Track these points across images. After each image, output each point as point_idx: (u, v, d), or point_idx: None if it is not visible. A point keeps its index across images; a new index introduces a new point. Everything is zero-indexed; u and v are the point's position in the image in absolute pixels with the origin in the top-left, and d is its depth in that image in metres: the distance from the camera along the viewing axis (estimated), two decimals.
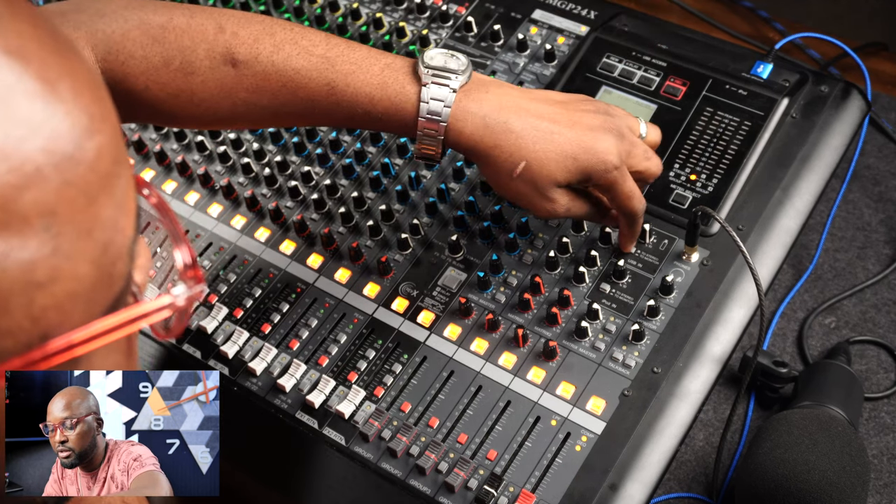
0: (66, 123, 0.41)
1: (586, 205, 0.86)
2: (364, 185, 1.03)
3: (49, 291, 0.40)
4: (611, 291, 0.92)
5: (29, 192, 0.39)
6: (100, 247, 0.42)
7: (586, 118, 0.83)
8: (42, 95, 0.41)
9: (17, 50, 0.41)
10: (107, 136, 0.43)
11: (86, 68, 0.44)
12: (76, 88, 0.42)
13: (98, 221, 0.42)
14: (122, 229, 0.44)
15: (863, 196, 1.13)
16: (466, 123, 0.81)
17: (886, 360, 1.01)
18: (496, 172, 0.82)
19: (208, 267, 0.99)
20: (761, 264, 0.92)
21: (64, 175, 0.40)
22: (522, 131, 0.81)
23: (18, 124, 0.39)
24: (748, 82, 1.02)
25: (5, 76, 0.40)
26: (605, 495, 0.80)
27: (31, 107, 0.40)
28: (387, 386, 0.89)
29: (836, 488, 0.80)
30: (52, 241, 0.40)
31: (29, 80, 0.40)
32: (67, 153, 0.41)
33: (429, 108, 0.80)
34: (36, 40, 0.42)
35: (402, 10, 1.16)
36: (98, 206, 0.42)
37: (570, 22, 1.11)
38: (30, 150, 0.39)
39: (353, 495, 0.85)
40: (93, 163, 0.42)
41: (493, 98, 0.82)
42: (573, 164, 0.81)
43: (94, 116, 0.43)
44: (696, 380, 0.86)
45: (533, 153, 0.80)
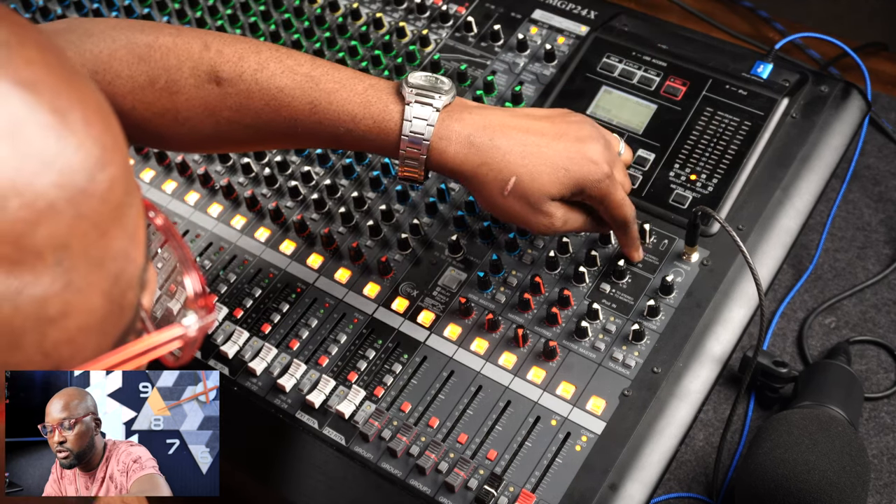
0: (78, 156, 0.40)
1: (582, 216, 0.85)
2: (364, 185, 1.03)
3: (61, 326, 0.40)
4: (611, 291, 0.92)
5: (42, 227, 0.39)
6: (111, 278, 0.42)
7: (573, 129, 0.82)
8: (54, 128, 0.40)
9: (28, 81, 0.40)
10: (118, 166, 0.43)
11: (96, 96, 0.44)
12: (87, 118, 0.42)
13: (109, 253, 0.42)
14: (132, 259, 0.44)
15: (863, 196, 1.13)
16: (451, 142, 0.79)
17: (886, 360, 1.01)
18: (487, 192, 0.81)
19: (208, 267, 0.99)
20: (761, 264, 0.92)
21: (77, 208, 0.40)
22: (510, 147, 0.79)
23: (31, 159, 0.39)
24: (748, 82, 1.02)
25: (17, 108, 0.39)
26: (605, 495, 0.80)
27: (43, 140, 0.39)
28: (387, 386, 0.89)
29: (836, 488, 0.80)
30: (65, 275, 0.40)
31: (41, 113, 0.40)
32: (80, 186, 0.40)
33: (412, 126, 0.79)
34: (46, 69, 0.41)
35: (402, 10, 1.16)
36: (109, 237, 0.42)
37: (570, 22, 1.11)
38: (43, 186, 0.39)
39: (353, 495, 0.85)
40: (105, 195, 0.41)
41: (476, 117, 0.81)
42: (565, 176, 0.80)
43: (106, 147, 0.42)
44: (696, 380, 0.86)
45: (523, 168, 0.79)
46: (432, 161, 0.80)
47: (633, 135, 1.00)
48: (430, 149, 0.79)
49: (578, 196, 0.83)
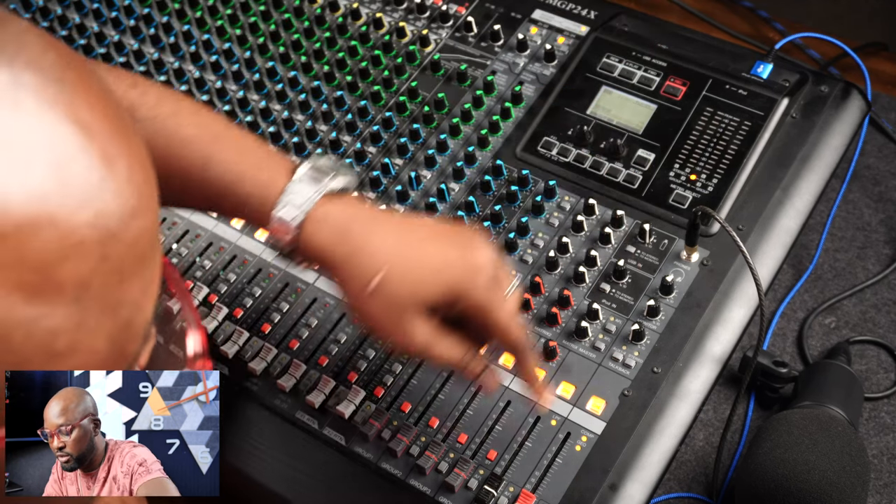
0: (117, 202, 0.42)
1: (455, 345, 0.74)
2: (364, 185, 1.02)
3: (65, 362, 0.41)
4: (611, 291, 0.92)
5: (69, 262, 0.40)
6: (120, 325, 0.43)
7: (457, 230, 0.76)
8: (100, 170, 0.41)
9: (86, 123, 0.41)
10: (150, 219, 0.44)
11: (142, 150, 0.45)
12: (132, 168, 0.43)
13: (124, 300, 0.43)
14: (143, 310, 0.45)
15: (863, 196, 1.13)
16: (323, 226, 0.72)
17: (886, 360, 1.01)
18: (350, 288, 0.72)
19: (208, 267, 0.99)
20: (761, 264, 0.91)
21: (105, 251, 0.41)
22: (384, 240, 0.71)
23: (72, 195, 0.40)
24: (748, 82, 1.02)
25: (70, 146, 0.40)
26: (605, 495, 0.80)
27: (87, 180, 0.41)
28: (387, 386, 0.89)
29: (836, 488, 0.80)
30: (80, 313, 0.40)
31: (90, 155, 0.41)
32: (112, 230, 0.41)
33: (290, 199, 0.72)
34: (103, 116, 0.43)
35: (402, 10, 1.16)
36: (128, 284, 0.43)
37: (570, 22, 1.11)
38: (79, 222, 0.40)
39: (353, 495, 0.85)
40: (133, 243, 0.43)
41: (360, 210, 0.73)
42: (438, 278, 0.70)
43: (143, 197, 0.43)
44: (696, 380, 0.86)
45: (393, 264, 0.70)
46: (302, 242, 0.73)
47: (633, 135, 1.00)
48: (301, 228, 0.72)
49: (455, 307, 0.72)
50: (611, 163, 0.99)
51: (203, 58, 1.15)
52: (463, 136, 1.04)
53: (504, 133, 1.03)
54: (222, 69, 1.14)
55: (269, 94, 1.11)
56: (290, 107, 1.10)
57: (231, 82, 1.13)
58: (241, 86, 1.12)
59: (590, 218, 0.96)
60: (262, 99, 1.11)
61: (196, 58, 1.15)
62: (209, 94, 1.12)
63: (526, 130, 1.03)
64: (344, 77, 1.10)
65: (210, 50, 1.16)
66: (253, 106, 1.10)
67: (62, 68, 0.42)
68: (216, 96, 1.11)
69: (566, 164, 1.00)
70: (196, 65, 1.15)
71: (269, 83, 1.11)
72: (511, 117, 1.04)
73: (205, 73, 1.14)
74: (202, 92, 1.12)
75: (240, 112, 1.10)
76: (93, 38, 1.19)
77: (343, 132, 1.07)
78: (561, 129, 1.02)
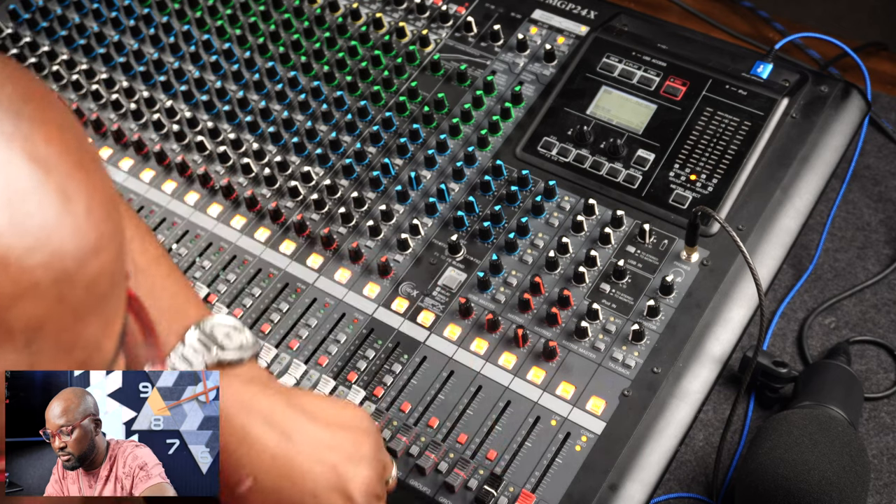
0: (73, 241, 0.40)
1: None
2: (364, 185, 1.03)
3: None
4: (611, 291, 0.92)
5: (20, 305, 0.38)
6: (76, 364, 0.42)
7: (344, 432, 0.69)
8: (55, 208, 0.39)
9: (42, 158, 0.40)
10: (110, 256, 0.42)
11: (104, 185, 0.43)
12: (91, 206, 0.41)
13: (80, 340, 0.41)
14: (102, 349, 0.43)
15: (863, 196, 1.13)
16: None
17: (886, 360, 1.01)
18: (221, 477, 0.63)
19: (208, 267, 0.99)
20: (761, 264, 0.92)
21: (60, 292, 0.39)
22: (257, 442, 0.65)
23: (26, 234, 0.38)
24: (748, 82, 1.02)
25: (24, 183, 0.39)
26: (605, 495, 0.80)
27: (42, 219, 0.39)
28: (387, 386, 0.89)
29: (836, 488, 0.80)
30: (31, 356, 0.39)
31: (46, 192, 0.39)
32: (68, 272, 0.40)
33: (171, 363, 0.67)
34: (63, 150, 0.41)
35: (402, 10, 1.16)
36: (84, 324, 0.41)
37: (570, 22, 1.11)
38: (32, 264, 0.38)
39: None
40: (90, 283, 0.41)
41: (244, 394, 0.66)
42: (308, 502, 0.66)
43: (103, 235, 0.42)
44: (696, 380, 0.86)
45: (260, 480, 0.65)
46: None
47: (634, 135, 1.00)
48: None
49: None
50: (611, 163, 0.99)
51: (203, 58, 1.15)
52: (463, 136, 1.04)
53: (504, 133, 1.04)
54: (222, 69, 1.14)
55: (269, 94, 1.11)
56: (290, 107, 1.10)
57: (231, 82, 1.13)
58: (241, 86, 1.12)
59: (590, 218, 0.96)
60: (262, 99, 1.11)
61: (196, 58, 1.15)
62: (209, 94, 1.12)
63: (526, 130, 1.03)
64: (344, 77, 1.10)
65: (210, 50, 1.16)
66: (253, 106, 1.10)
67: (20, 101, 0.41)
68: (216, 96, 1.12)
69: (566, 165, 1.00)
70: (196, 65, 1.15)
71: (268, 83, 1.12)
72: (511, 117, 1.04)
73: (205, 73, 1.14)
74: (202, 92, 1.12)
75: (240, 112, 1.10)
76: (93, 38, 1.19)
77: (343, 132, 1.07)
78: (561, 129, 1.02)
